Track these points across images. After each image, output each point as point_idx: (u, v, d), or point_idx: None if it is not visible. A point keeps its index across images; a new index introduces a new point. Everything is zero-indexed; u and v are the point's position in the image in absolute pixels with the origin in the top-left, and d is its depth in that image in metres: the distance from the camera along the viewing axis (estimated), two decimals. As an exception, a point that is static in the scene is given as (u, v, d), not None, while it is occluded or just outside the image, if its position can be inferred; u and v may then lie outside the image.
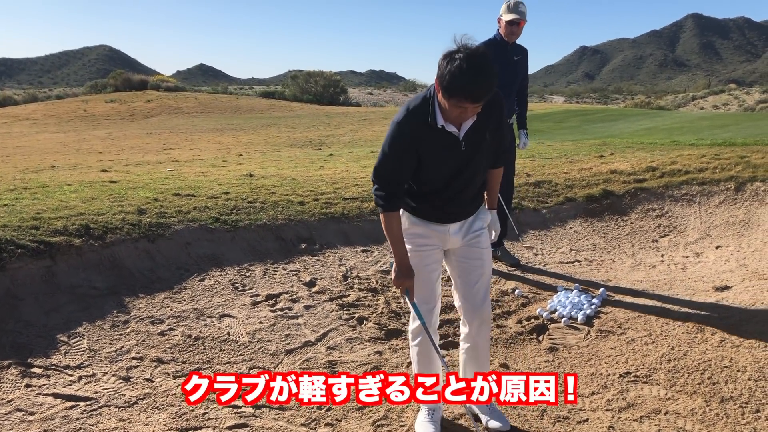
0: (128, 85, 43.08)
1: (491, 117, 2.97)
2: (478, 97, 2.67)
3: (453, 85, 2.65)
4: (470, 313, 3.24)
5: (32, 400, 3.38)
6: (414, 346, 3.29)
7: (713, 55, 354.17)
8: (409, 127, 2.90)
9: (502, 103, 3.05)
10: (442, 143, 2.92)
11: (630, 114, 21.85)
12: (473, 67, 2.61)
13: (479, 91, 2.65)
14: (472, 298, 3.21)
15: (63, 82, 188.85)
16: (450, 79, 2.65)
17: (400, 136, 2.91)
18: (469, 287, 3.21)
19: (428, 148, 2.93)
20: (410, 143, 2.91)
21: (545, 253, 6.42)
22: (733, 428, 3.26)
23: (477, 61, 2.62)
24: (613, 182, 7.88)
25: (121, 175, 8.26)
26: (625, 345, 4.28)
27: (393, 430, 3.30)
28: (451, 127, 2.88)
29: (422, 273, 3.14)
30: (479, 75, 2.62)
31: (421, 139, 2.90)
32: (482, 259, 3.22)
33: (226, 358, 4.02)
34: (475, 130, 2.93)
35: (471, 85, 2.63)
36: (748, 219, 6.82)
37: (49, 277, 4.50)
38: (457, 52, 2.66)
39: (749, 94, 46.55)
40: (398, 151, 2.93)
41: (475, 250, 3.20)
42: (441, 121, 2.86)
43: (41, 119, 28.21)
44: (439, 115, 2.85)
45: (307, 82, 43.23)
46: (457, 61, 2.63)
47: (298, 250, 5.82)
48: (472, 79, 2.62)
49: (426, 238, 3.17)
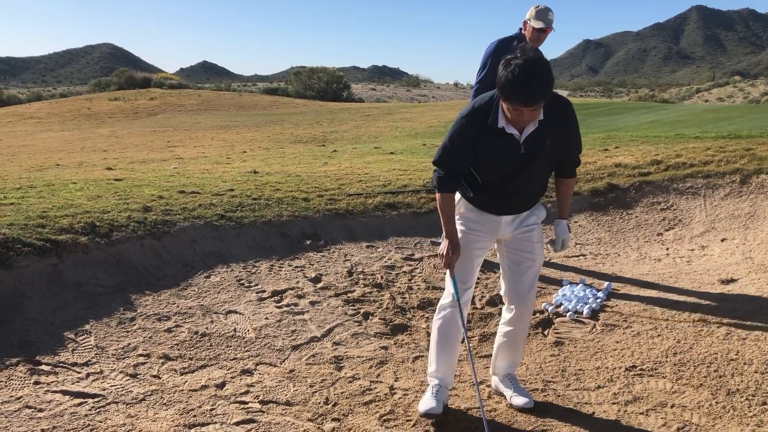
0: (132, 83, 43.17)
1: (556, 123, 3.10)
2: (531, 100, 2.83)
3: (507, 89, 2.84)
4: (515, 301, 3.40)
5: (41, 397, 3.40)
6: (438, 320, 3.42)
7: (718, 48, 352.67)
8: (469, 124, 3.09)
9: (570, 110, 3.16)
10: (502, 144, 3.09)
11: (634, 107, 21.78)
12: (527, 73, 2.77)
13: (532, 94, 2.82)
14: (519, 287, 3.38)
15: (67, 81, 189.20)
16: (505, 83, 2.83)
17: (460, 131, 3.12)
18: (518, 277, 3.37)
19: (487, 147, 3.10)
20: (469, 139, 3.10)
21: (550, 247, 6.41)
22: (739, 421, 3.26)
23: (531, 66, 2.79)
24: (617, 176, 7.87)
25: (126, 173, 8.28)
26: (630, 338, 4.28)
27: (399, 424, 3.31)
28: (511, 129, 3.05)
29: (466, 254, 3.31)
30: (532, 79, 2.78)
31: (480, 136, 3.08)
32: (533, 252, 3.37)
33: (232, 354, 4.03)
34: (537, 135, 3.08)
35: (524, 89, 2.80)
36: (753, 211, 6.80)
37: (56, 275, 4.52)
38: (514, 58, 2.84)
39: (754, 86, 46.35)
40: (457, 144, 3.14)
41: (526, 244, 3.35)
42: (502, 123, 3.03)
43: (45, 118, 28.28)
44: (501, 116, 3.02)
45: (310, 78, 43.22)
46: (512, 66, 2.81)
47: (303, 247, 5.83)
48: (525, 83, 2.78)
49: (477, 223, 3.33)
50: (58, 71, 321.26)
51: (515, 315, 3.42)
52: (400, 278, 5.40)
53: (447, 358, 3.41)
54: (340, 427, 3.27)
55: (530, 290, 3.39)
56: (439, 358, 3.41)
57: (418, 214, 6.52)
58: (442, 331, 3.40)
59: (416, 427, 3.27)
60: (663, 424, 3.26)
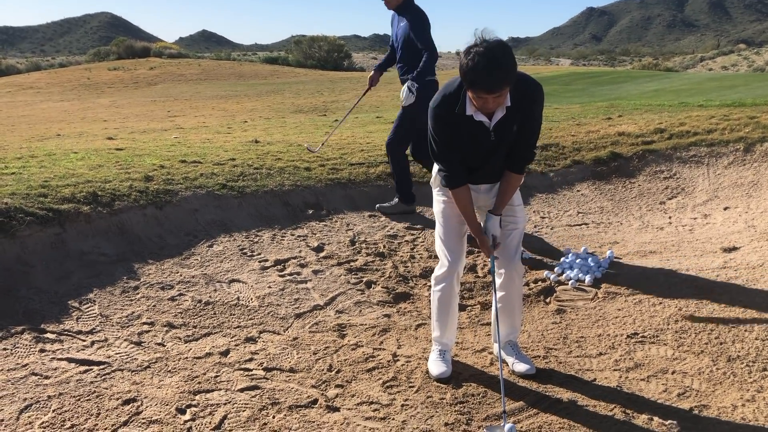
0: (131, 52, 42.76)
1: (520, 110, 3.09)
2: (493, 87, 2.83)
3: (469, 78, 2.85)
4: (504, 264, 3.44)
5: (47, 364, 3.43)
6: (437, 291, 3.47)
7: (723, 15, 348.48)
8: (440, 114, 3.12)
9: (536, 98, 3.13)
10: (472, 131, 3.12)
11: (638, 76, 21.60)
12: (488, 60, 2.77)
13: (493, 81, 2.81)
14: (505, 251, 3.42)
15: (65, 50, 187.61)
16: (467, 72, 2.84)
17: (436, 122, 3.15)
18: (503, 240, 3.40)
19: (458, 133, 3.14)
20: (446, 127, 3.14)
21: (552, 216, 6.41)
22: (739, 387, 3.28)
23: (491, 52, 2.78)
24: (620, 144, 7.83)
25: (127, 143, 8.25)
26: (632, 306, 4.29)
27: (402, 390, 3.34)
28: (480, 116, 3.06)
29: (452, 222, 3.41)
30: (493, 66, 2.77)
31: (451, 124, 3.12)
32: (515, 216, 3.43)
33: (236, 323, 4.05)
34: (505, 121, 3.09)
35: (485, 76, 2.80)
36: (757, 180, 6.78)
37: (59, 245, 4.52)
38: (474, 46, 2.83)
39: (759, 55, 45.89)
40: (440, 136, 3.16)
41: (507, 207, 3.38)
42: (470, 110, 3.05)
43: (45, 88, 28.09)
44: (469, 104, 3.04)
45: (310, 47, 42.79)
46: (472, 54, 2.81)
47: (305, 216, 5.83)
48: (486, 70, 2.78)
49: None
50: (57, 41, 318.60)
51: (506, 278, 3.46)
52: (402, 247, 5.41)
53: (451, 324, 3.52)
54: (344, 393, 3.31)
55: (516, 252, 3.44)
56: (442, 325, 3.50)
57: (420, 183, 6.50)
58: (443, 301, 3.47)
59: (419, 393, 3.30)
60: (663, 390, 3.29)
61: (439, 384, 3.39)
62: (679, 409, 3.12)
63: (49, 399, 3.13)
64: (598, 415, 3.09)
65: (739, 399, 3.17)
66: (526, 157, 3.29)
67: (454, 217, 3.40)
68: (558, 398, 3.25)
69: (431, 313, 3.57)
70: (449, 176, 3.24)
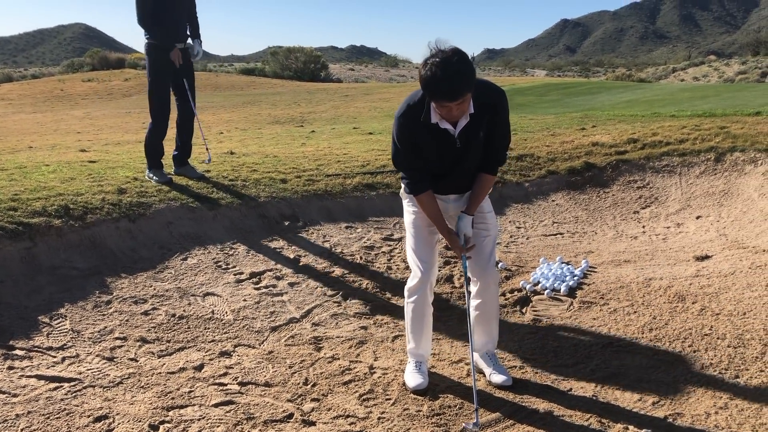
0: (105, 63, 42.32)
1: (484, 116, 3.14)
2: (454, 95, 2.88)
3: (429, 88, 2.91)
4: (478, 273, 3.44)
5: (15, 382, 3.35)
6: (410, 303, 3.46)
7: (693, 27, 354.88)
8: (406, 123, 3.16)
9: (499, 103, 3.18)
10: (437, 139, 3.15)
11: (611, 87, 21.85)
12: (445, 69, 2.82)
13: (453, 90, 2.86)
14: (479, 259, 3.42)
15: (39, 62, 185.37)
16: (426, 83, 2.90)
17: (401, 131, 3.18)
18: (476, 249, 3.40)
19: (424, 142, 3.17)
20: (410, 137, 3.18)
21: (528, 226, 6.45)
22: (713, 394, 3.31)
23: (448, 61, 2.84)
24: (594, 155, 7.91)
25: (100, 155, 8.15)
26: (607, 315, 4.32)
27: (379, 403, 3.32)
28: (445, 124, 3.10)
29: (423, 232, 3.42)
30: (450, 75, 2.82)
31: (417, 133, 3.15)
32: (486, 222, 3.46)
33: (210, 337, 4.01)
34: (469, 128, 3.13)
35: (444, 86, 2.85)
36: (728, 189, 6.88)
37: (29, 259, 4.44)
38: (430, 57, 2.88)
39: (729, 66, 46.71)
40: (404, 144, 3.20)
41: (478, 215, 3.41)
42: (435, 119, 3.09)
43: (17, 99, 27.69)
44: (434, 112, 3.08)
45: (287, 58, 42.72)
46: (428, 65, 2.87)
47: (281, 228, 5.80)
48: (444, 79, 2.83)
49: None
50: (30, 52, 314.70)
51: (481, 287, 3.47)
52: (379, 258, 5.40)
53: (425, 335, 3.50)
54: (320, 407, 3.28)
55: (491, 259, 3.44)
56: (416, 336, 3.49)
57: (396, 194, 6.50)
58: (417, 312, 3.45)
59: (395, 406, 3.29)
60: (639, 399, 3.31)
61: (415, 396, 3.37)
62: (654, 418, 3.14)
63: (17, 417, 3.06)
64: (574, 425, 3.10)
65: (713, 407, 3.20)
66: (498, 159, 3.35)
67: (424, 227, 3.41)
68: (534, 409, 3.25)
69: (405, 325, 3.55)
70: (411, 183, 3.27)
